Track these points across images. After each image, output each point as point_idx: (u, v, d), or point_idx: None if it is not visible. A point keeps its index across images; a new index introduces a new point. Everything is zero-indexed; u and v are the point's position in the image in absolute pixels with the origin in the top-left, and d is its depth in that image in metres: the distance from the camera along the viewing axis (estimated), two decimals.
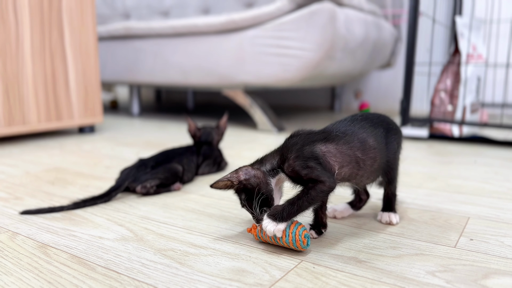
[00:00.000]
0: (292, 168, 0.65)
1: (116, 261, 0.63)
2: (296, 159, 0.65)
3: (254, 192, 0.68)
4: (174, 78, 2.15)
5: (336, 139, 0.68)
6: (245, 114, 2.54)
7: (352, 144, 0.69)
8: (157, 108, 3.16)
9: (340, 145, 0.68)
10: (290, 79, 1.80)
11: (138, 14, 2.83)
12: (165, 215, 0.84)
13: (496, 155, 1.41)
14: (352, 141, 0.69)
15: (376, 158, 0.71)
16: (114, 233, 0.74)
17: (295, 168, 0.65)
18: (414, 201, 0.92)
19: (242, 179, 0.68)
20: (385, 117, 0.78)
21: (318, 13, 1.68)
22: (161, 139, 1.74)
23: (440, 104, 1.72)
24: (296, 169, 0.65)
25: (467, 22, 1.70)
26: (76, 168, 1.23)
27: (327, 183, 0.63)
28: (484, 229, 0.76)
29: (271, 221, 0.63)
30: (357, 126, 0.72)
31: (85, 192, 0.99)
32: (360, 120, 0.73)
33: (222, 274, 0.59)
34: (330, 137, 0.68)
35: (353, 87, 2.93)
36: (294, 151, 0.66)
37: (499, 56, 2.03)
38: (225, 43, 1.93)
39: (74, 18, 1.72)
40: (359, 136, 0.70)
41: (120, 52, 2.38)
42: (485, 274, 0.59)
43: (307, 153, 0.66)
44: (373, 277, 0.58)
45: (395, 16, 2.42)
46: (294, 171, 0.65)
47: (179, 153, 1.09)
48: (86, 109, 1.81)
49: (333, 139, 0.68)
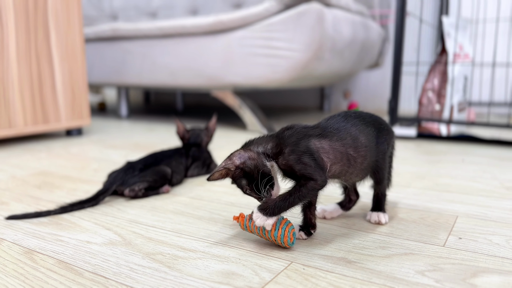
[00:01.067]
0: (287, 161, 0.66)
1: (104, 266, 0.62)
2: (291, 153, 0.65)
3: (254, 174, 0.66)
4: (162, 79, 2.14)
5: (330, 135, 0.69)
6: (234, 115, 2.54)
7: (345, 141, 0.69)
8: (145, 110, 3.13)
9: (334, 141, 0.68)
10: (279, 80, 1.80)
11: (126, 15, 2.81)
12: (154, 218, 0.83)
13: (483, 153, 1.43)
14: (345, 138, 0.69)
15: (366, 156, 0.71)
16: (101, 237, 0.73)
17: (289, 163, 0.65)
18: (403, 201, 0.92)
19: (238, 164, 0.67)
20: (377, 117, 0.78)
21: (306, 14, 1.68)
22: (149, 141, 1.73)
23: (427, 103, 1.73)
24: (290, 164, 0.65)
25: (453, 22, 1.72)
26: (64, 171, 1.22)
27: (319, 181, 0.64)
28: (473, 227, 0.76)
29: (262, 215, 0.64)
30: (350, 123, 0.72)
31: (72, 196, 0.98)
32: (353, 117, 0.73)
33: (211, 277, 0.58)
34: (324, 133, 0.69)
35: (342, 87, 2.94)
36: (289, 145, 0.66)
37: (485, 56, 2.05)
38: (213, 44, 1.92)
39: (60, 20, 1.70)
40: (352, 133, 0.70)
41: (108, 54, 2.36)
42: (474, 273, 0.59)
43: (303, 147, 0.66)
44: (363, 278, 0.58)
45: (383, 16, 2.43)
46: (288, 165, 0.66)
47: (167, 155, 1.08)
48: (73, 112, 1.79)
49: (327, 135, 0.68)
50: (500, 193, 0.97)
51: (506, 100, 2.08)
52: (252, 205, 0.89)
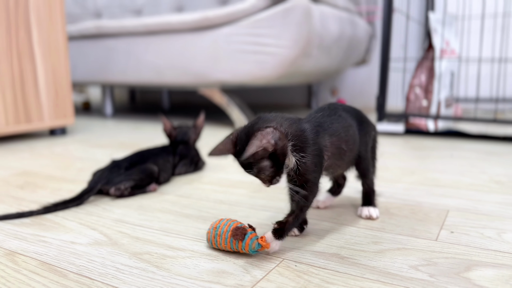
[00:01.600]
0: (305, 163, 0.62)
1: (89, 267, 0.60)
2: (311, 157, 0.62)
3: (279, 157, 0.60)
4: (147, 77, 2.11)
5: (329, 130, 0.67)
6: (222, 113, 2.52)
7: (339, 135, 0.68)
8: (131, 108, 3.09)
9: (332, 137, 0.67)
10: (267, 77, 1.78)
11: (110, 12, 2.76)
12: (141, 217, 0.81)
13: (471, 148, 1.43)
14: (339, 132, 0.68)
15: (353, 149, 0.71)
16: (86, 237, 0.71)
17: (306, 166, 0.62)
18: (393, 195, 0.92)
19: (273, 144, 0.59)
20: (357, 109, 0.78)
21: (293, 10, 1.67)
22: (135, 139, 1.70)
23: (415, 99, 1.74)
24: (306, 167, 0.62)
25: (440, 17, 1.72)
26: (47, 171, 1.19)
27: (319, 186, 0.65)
28: (464, 221, 0.76)
29: (278, 241, 0.63)
30: (339, 116, 0.70)
31: (56, 196, 0.95)
32: (341, 110, 0.73)
33: (201, 276, 0.57)
34: (328, 130, 0.67)
35: (329, 84, 2.94)
36: (311, 145, 0.63)
37: (470, 52, 2.07)
38: (199, 41, 1.90)
39: (42, 17, 1.66)
40: (343, 126, 0.69)
41: (92, 52, 2.32)
42: (468, 267, 0.58)
43: (318, 150, 0.64)
44: (356, 274, 0.57)
45: (369, 13, 2.43)
46: (304, 167, 0.62)
47: (154, 153, 1.06)
48: (57, 111, 1.75)
49: (327, 130, 0.67)
50: (490, 187, 0.97)
51: (491, 96, 2.10)
52: (241, 203, 0.88)
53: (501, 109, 2.08)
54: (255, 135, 0.59)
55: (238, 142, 0.62)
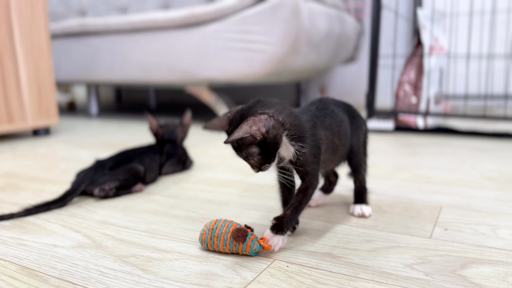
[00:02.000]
0: (304, 154, 0.61)
1: (72, 271, 0.57)
2: (309, 148, 0.61)
3: (270, 146, 0.58)
4: (133, 75, 2.07)
5: (323, 124, 0.66)
6: (210, 112, 2.49)
7: (333, 130, 0.67)
8: (117, 108, 3.05)
9: (326, 131, 0.66)
10: (256, 74, 1.76)
11: (95, 11, 2.72)
12: (126, 218, 0.78)
13: (461, 144, 1.43)
14: (332, 127, 0.67)
15: (345, 144, 0.70)
16: (69, 240, 0.68)
17: (305, 157, 0.61)
18: (385, 193, 0.90)
19: (264, 132, 0.57)
20: (349, 105, 0.77)
21: (281, 6, 1.65)
22: (121, 139, 1.66)
23: (404, 96, 1.73)
24: (305, 159, 0.61)
25: (428, 14, 1.72)
26: (29, 172, 1.15)
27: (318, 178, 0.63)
28: (457, 218, 0.74)
29: (280, 236, 0.61)
30: (332, 111, 0.69)
31: (38, 197, 0.91)
32: (332, 104, 0.71)
33: (189, 279, 0.54)
34: (322, 124, 0.66)
35: (318, 82, 2.93)
36: (309, 136, 0.61)
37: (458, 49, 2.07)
38: (187, 38, 1.87)
39: (24, 15, 1.61)
40: (336, 121, 0.68)
41: (76, 50, 2.27)
42: (463, 264, 0.57)
43: (316, 142, 0.62)
44: (349, 273, 0.55)
45: (358, 10, 2.43)
46: (303, 159, 0.61)
47: (140, 152, 1.03)
48: (40, 110, 1.71)
49: (321, 124, 0.65)
50: (481, 183, 0.96)
51: (479, 93, 2.11)
52: (230, 202, 0.86)
53: (489, 105, 2.09)
54: (248, 119, 0.57)
55: (232, 121, 0.61)
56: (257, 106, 0.60)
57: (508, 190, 0.90)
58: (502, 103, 2.12)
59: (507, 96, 1.96)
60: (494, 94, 2.17)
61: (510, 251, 0.61)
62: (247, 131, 0.56)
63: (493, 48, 2.01)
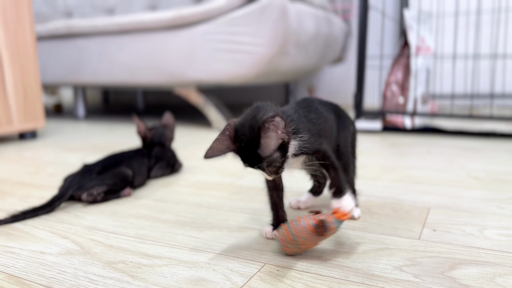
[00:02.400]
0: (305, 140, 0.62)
1: (60, 279, 0.56)
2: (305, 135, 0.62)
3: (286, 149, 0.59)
4: (121, 77, 2.05)
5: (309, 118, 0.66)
6: (199, 114, 2.48)
7: (319, 125, 0.66)
8: (104, 110, 3.02)
9: (311, 124, 0.65)
10: (244, 76, 1.76)
11: (81, 12, 2.69)
12: (115, 224, 0.77)
13: (448, 144, 1.44)
14: (319, 122, 0.66)
15: (331, 142, 0.70)
16: (57, 247, 0.67)
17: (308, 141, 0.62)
18: (373, 193, 0.91)
19: (286, 134, 0.58)
20: (335, 104, 0.76)
21: (269, 8, 1.65)
22: (109, 142, 1.65)
23: (391, 96, 1.74)
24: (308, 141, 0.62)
25: (415, 15, 1.73)
26: (16, 177, 1.13)
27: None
28: (446, 218, 0.75)
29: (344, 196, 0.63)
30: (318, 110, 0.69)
31: (25, 203, 0.90)
32: (317, 103, 0.71)
33: (179, 285, 0.54)
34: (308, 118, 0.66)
35: (306, 83, 2.94)
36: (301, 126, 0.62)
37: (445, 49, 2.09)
38: (174, 39, 1.86)
39: (9, 16, 1.59)
40: (322, 117, 0.68)
41: (62, 52, 2.24)
42: (452, 265, 0.57)
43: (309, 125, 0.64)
44: (340, 276, 0.55)
45: (345, 11, 2.44)
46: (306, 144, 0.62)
47: (128, 156, 1.02)
48: (26, 114, 1.68)
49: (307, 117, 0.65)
50: (468, 183, 0.97)
51: (465, 92, 2.13)
52: (220, 205, 0.85)
53: (476, 104, 2.12)
54: (267, 127, 0.55)
55: (239, 137, 0.59)
56: (260, 111, 0.59)
57: (494, 190, 0.91)
58: (488, 102, 2.15)
59: (493, 95, 1.99)
60: (480, 93, 2.19)
61: (497, 252, 0.61)
62: (278, 136, 0.56)
63: (478, 48, 2.03)
